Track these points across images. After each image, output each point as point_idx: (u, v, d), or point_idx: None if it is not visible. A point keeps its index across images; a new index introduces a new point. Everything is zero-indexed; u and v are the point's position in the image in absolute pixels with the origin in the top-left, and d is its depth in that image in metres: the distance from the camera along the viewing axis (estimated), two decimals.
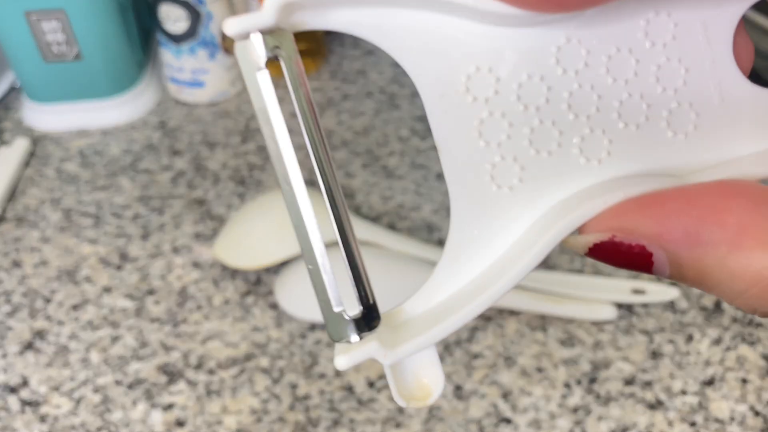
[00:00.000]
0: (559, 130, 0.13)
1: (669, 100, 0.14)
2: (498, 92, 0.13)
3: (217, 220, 0.41)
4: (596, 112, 0.13)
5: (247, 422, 0.31)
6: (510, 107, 0.13)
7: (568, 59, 0.13)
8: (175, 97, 0.51)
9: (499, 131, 0.13)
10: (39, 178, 0.45)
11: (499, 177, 0.14)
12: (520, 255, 0.13)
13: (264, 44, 0.12)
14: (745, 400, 0.32)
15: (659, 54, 0.14)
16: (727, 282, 0.11)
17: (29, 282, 0.38)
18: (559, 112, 0.13)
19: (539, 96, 0.13)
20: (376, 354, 0.13)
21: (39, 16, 0.44)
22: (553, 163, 0.14)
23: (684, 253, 0.11)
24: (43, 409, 0.32)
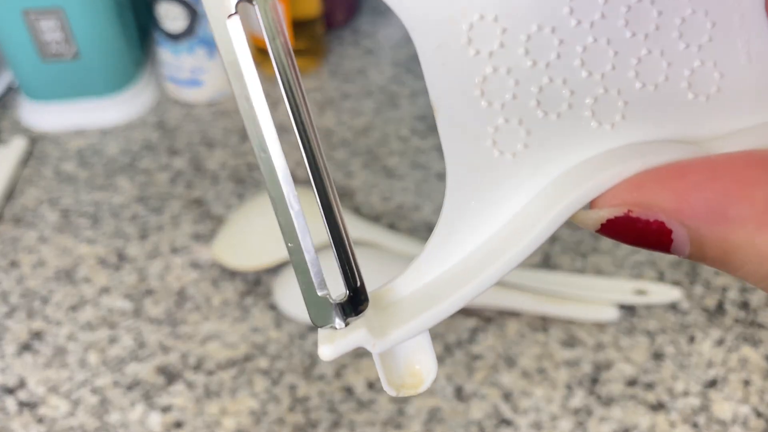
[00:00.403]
0: (570, 89, 0.12)
1: (692, 58, 0.12)
2: (504, 45, 0.12)
3: (216, 220, 0.41)
4: (611, 70, 0.12)
5: (246, 423, 0.31)
6: (517, 62, 0.12)
7: (583, 8, 0.12)
8: (174, 97, 0.51)
9: (503, 90, 0.12)
10: (37, 178, 0.45)
11: (501, 142, 0.12)
12: (523, 231, 0.12)
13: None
14: (747, 402, 0.32)
15: (684, 5, 0.12)
16: (755, 263, 0.10)
17: (27, 282, 0.38)
18: (570, 69, 0.12)
19: (550, 50, 0.12)
20: (364, 342, 0.12)
21: (37, 15, 0.44)
22: (561, 127, 0.12)
23: (707, 231, 0.10)
24: (40, 411, 0.32)
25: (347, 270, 0.12)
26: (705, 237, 0.10)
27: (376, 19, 0.60)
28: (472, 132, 0.12)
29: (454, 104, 0.12)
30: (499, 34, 0.12)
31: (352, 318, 0.12)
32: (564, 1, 0.12)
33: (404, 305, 0.13)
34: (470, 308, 0.35)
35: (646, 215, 0.11)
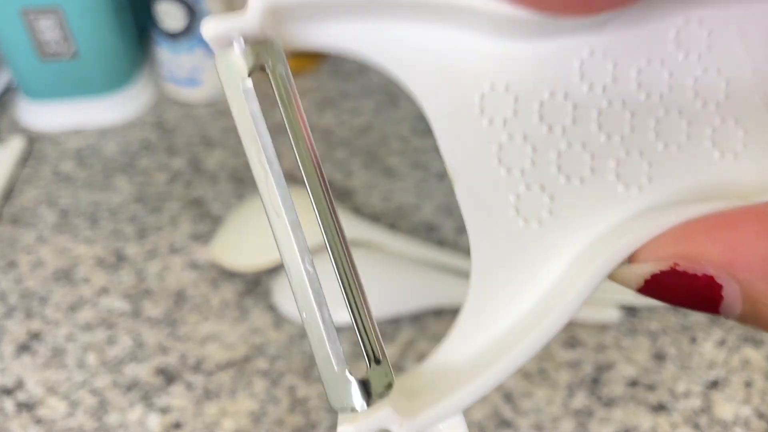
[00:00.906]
0: (590, 153, 0.12)
1: (711, 117, 0.12)
2: (517, 112, 0.12)
3: (215, 220, 0.41)
4: (630, 132, 0.12)
5: (245, 424, 0.31)
6: (532, 129, 0.12)
7: (593, 74, 0.12)
8: (173, 96, 0.51)
9: (521, 156, 0.12)
10: (35, 178, 0.45)
11: (525, 209, 0.12)
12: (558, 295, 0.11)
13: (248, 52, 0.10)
14: (749, 402, 0.31)
15: (694, 65, 0.12)
16: None
17: (25, 283, 0.38)
18: (588, 133, 0.12)
19: (564, 115, 0.12)
20: (390, 423, 0.11)
21: (35, 14, 0.44)
22: (586, 192, 0.12)
23: (763, 286, 0.09)
24: (39, 412, 0.32)
25: (368, 344, 0.11)
26: (760, 293, 0.09)
27: None
28: (494, 201, 0.12)
29: (472, 174, 0.12)
30: (511, 102, 0.12)
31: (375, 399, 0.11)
32: (574, 68, 0.12)
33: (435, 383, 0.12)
34: None
35: (693, 269, 0.10)
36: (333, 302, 0.11)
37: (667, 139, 0.12)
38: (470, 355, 0.12)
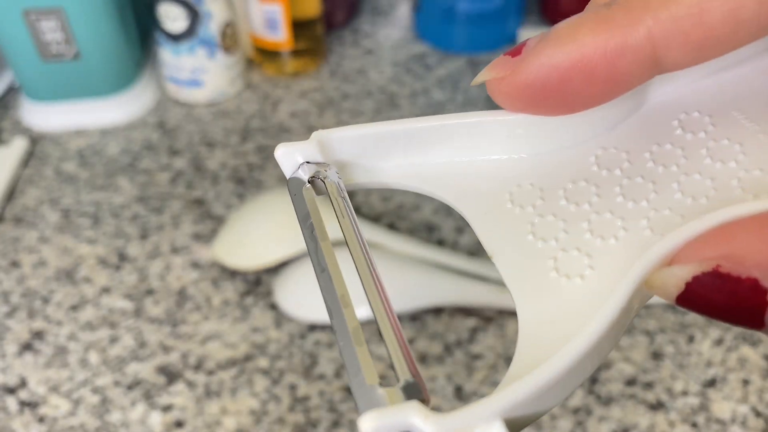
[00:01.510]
0: (620, 217, 0.12)
1: (734, 170, 0.12)
2: (544, 199, 0.13)
3: (217, 220, 0.41)
4: (656, 195, 0.12)
5: (246, 423, 0.31)
6: (560, 209, 0.13)
7: (609, 162, 0.13)
8: (174, 97, 0.51)
9: (554, 229, 0.13)
10: (37, 178, 0.45)
11: (565, 268, 0.12)
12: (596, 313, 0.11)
13: (308, 170, 0.13)
14: (746, 401, 0.32)
15: (703, 140, 0.13)
16: None
17: (28, 282, 0.38)
18: (615, 203, 0.12)
19: (588, 195, 0.13)
20: (414, 416, 0.10)
21: (38, 15, 0.44)
22: (624, 245, 0.12)
23: None
24: (41, 410, 0.32)
25: (403, 363, 0.11)
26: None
27: (376, 19, 0.60)
28: (534, 266, 0.12)
29: (510, 249, 0.13)
30: (537, 193, 0.13)
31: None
32: (590, 162, 0.13)
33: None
34: (470, 308, 0.35)
35: (737, 271, 0.09)
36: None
37: (694, 194, 0.12)
38: None
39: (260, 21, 0.50)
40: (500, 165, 0.13)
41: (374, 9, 0.61)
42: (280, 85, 0.52)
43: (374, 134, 0.13)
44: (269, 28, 0.50)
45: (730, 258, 0.09)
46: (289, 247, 0.36)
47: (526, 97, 0.12)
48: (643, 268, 0.11)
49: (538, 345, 0.12)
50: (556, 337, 0.11)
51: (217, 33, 0.48)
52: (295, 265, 0.36)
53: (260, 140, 0.47)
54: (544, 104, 0.12)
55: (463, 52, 0.55)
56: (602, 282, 0.12)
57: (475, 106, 0.50)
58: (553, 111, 0.12)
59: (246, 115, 0.50)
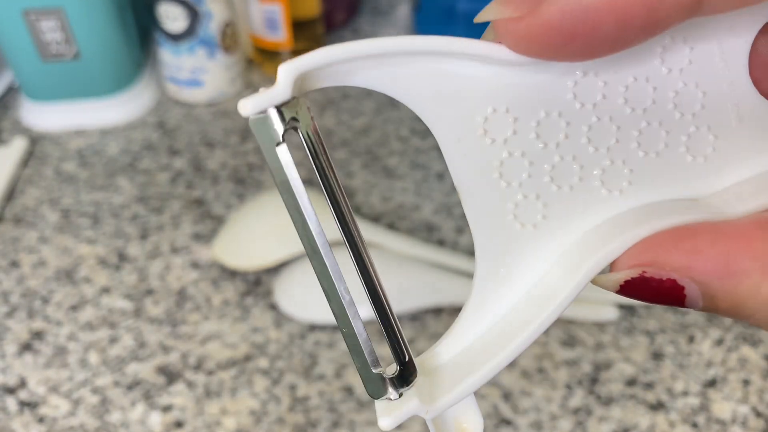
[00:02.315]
0: (579, 164, 0.13)
1: (687, 125, 0.14)
2: (516, 132, 0.13)
3: (216, 220, 0.41)
4: (616, 144, 0.13)
5: (246, 423, 0.31)
6: (529, 146, 0.13)
7: (585, 93, 0.13)
8: (174, 97, 0.51)
9: (519, 170, 0.13)
10: (37, 178, 0.45)
11: (522, 215, 0.13)
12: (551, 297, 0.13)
13: (280, 119, 0.12)
14: (747, 401, 0.32)
15: (676, 80, 0.13)
16: (763, 310, 0.11)
17: (27, 282, 0.38)
18: (578, 146, 0.13)
19: (558, 132, 0.13)
20: (418, 411, 0.13)
21: (37, 15, 0.44)
22: (575, 197, 0.13)
23: (717, 285, 0.11)
24: (41, 410, 0.32)
25: (397, 347, 0.13)
26: (716, 291, 0.11)
27: (376, 19, 0.60)
28: (495, 209, 0.13)
29: (477, 187, 0.13)
30: (511, 123, 0.13)
31: (404, 389, 0.13)
32: (567, 88, 0.13)
33: (448, 371, 0.14)
34: None
35: (659, 275, 0.12)
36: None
37: (647, 148, 0.13)
38: (474, 339, 0.14)
39: (260, 21, 0.50)
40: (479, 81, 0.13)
41: (374, 9, 0.61)
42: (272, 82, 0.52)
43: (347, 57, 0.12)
44: (269, 27, 0.50)
45: (653, 264, 0.12)
46: (289, 247, 0.36)
47: (546, 41, 0.11)
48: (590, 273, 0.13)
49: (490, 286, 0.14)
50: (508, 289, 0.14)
51: (217, 33, 0.48)
52: (295, 265, 0.36)
53: None
54: (565, 50, 0.11)
55: None
56: (549, 235, 0.13)
57: None
58: (573, 57, 0.12)
59: None
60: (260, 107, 0.12)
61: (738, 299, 0.11)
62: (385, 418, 0.13)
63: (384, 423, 0.13)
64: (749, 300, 0.11)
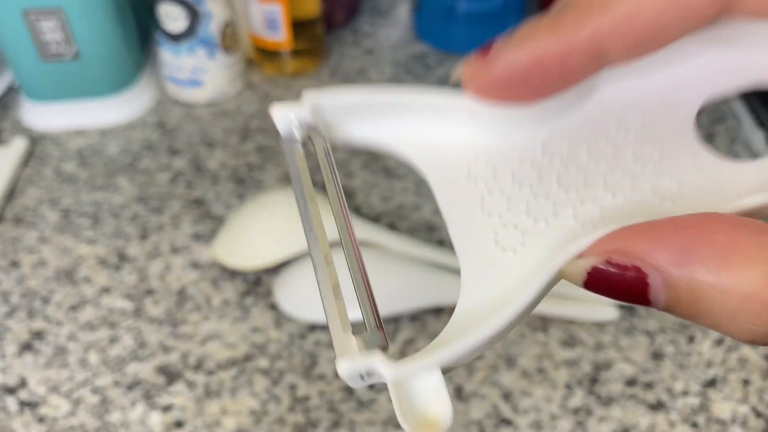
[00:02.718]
0: (552, 202, 0.15)
1: (649, 174, 0.15)
2: (495, 175, 0.15)
3: (216, 220, 0.41)
4: (584, 187, 0.15)
5: (246, 423, 0.31)
6: (507, 187, 0.15)
7: (552, 149, 0.15)
8: (174, 97, 0.51)
9: (499, 206, 0.15)
10: (37, 178, 0.45)
11: (502, 242, 0.15)
12: (525, 287, 0.14)
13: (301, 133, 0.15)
14: (746, 401, 0.32)
15: (632, 140, 0.15)
16: (720, 300, 0.11)
17: (27, 282, 0.38)
18: (551, 189, 0.15)
19: (531, 178, 0.15)
20: (379, 363, 0.13)
21: (37, 15, 0.44)
22: (550, 229, 0.15)
23: (676, 272, 0.12)
24: (41, 410, 0.32)
25: (370, 313, 0.14)
26: (675, 278, 0.12)
27: (376, 19, 0.60)
28: (478, 235, 0.15)
29: (462, 216, 0.15)
30: (491, 169, 0.15)
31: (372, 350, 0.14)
32: (537, 146, 0.15)
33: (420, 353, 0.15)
34: None
35: (624, 261, 0.12)
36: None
37: (614, 191, 0.15)
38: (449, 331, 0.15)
39: (260, 21, 0.50)
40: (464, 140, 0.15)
41: (374, 9, 0.61)
42: (280, 85, 0.52)
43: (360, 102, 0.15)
44: (269, 28, 0.50)
45: (619, 252, 0.12)
46: (289, 247, 0.36)
47: (494, 91, 0.14)
48: (559, 261, 0.13)
49: (475, 303, 0.14)
50: (490, 299, 0.14)
51: (217, 33, 0.48)
52: (295, 265, 0.36)
53: (260, 140, 0.47)
54: (509, 97, 0.14)
55: (463, 53, 0.55)
56: (530, 258, 0.15)
57: None
58: (516, 102, 0.15)
59: (246, 115, 0.50)
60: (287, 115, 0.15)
61: (696, 289, 0.11)
62: (344, 361, 0.13)
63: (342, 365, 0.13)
64: (706, 290, 0.11)
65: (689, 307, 0.12)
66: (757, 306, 0.11)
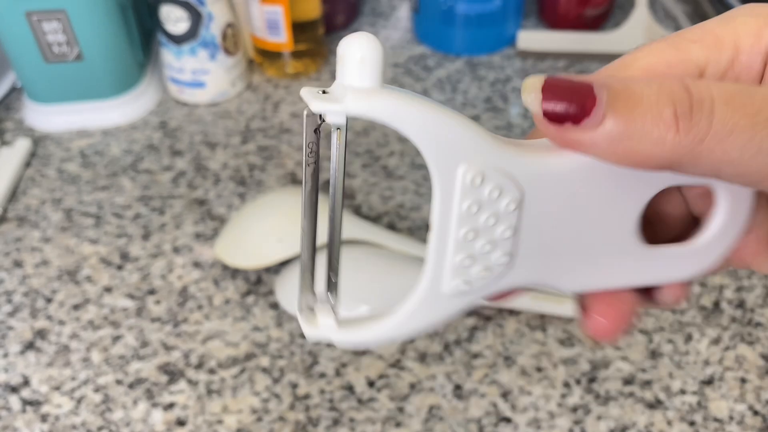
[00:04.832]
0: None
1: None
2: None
3: (218, 220, 0.41)
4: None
5: (247, 422, 0.32)
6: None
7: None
8: (176, 98, 0.51)
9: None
10: (40, 178, 0.45)
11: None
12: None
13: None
14: (744, 400, 0.32)
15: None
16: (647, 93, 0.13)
17: (30, 282, 0.38)
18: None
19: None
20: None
21: (40, 17, 0.44)
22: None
23: (615, 84, 0.13)
24: (44, 409, 0.32)
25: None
26: (613, 82, 0.13)
27: (376, 21, 0.60)
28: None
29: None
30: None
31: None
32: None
33: None
34: None
35: (579, 78, 0.14)
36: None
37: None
38: None
39: (261, 22, 0.50)
40: None
41: (374, 11, 0.61)
42: (280, 86, 0.53)
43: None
44: (270, 29, 0.50)
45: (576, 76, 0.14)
46: (290, 246, 0.36)
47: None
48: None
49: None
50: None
51: (218, 34, 0.48)
52: (296, 264, 0.36)
53: (261, 141, 0.47)
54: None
55: (462, 54, 0.56)
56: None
57: (474, 108, 0.50)
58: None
59: (247, 116, 0.50)
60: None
61: (628, 86, 0.13)
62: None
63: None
64: (636, 87, 0.13)
65: (625, 102, 0.13)
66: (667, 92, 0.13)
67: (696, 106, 0.12)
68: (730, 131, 0.12)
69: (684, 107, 0.12)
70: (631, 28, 0.54)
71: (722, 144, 0.12)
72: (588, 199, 0.16)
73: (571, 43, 0.55)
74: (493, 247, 0.16)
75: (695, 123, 0.12)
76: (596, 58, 0.54)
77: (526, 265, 0.16)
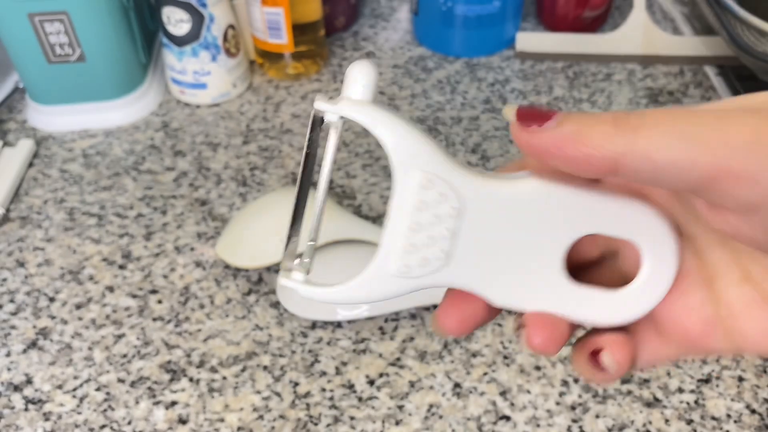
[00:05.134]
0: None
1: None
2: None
3: (219, 219, 0.42)
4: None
5: (248, 420, 0.32)
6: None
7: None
8: (178, 99, 0.52)
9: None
10: (43, 179, 0.45)
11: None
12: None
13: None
14: (741, 399, 0.32)
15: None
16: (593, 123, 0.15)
17: (33, 281, 0.38)
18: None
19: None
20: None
21: (42, 18, 0.45)
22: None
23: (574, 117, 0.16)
24: (46, 407, 0.33)
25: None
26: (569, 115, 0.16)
27: (377, 22, 0.61)
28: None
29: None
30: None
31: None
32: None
33: None
34: None
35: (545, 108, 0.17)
36: None
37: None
38: None
39: (262, 24, 0.50)
40: None
41: (374, 13, 0.62)
42: (281, 87, 0.53)
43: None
44: (271, 31, 0.51)
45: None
46: None
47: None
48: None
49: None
50: None
51: (219, 36, 0.49)
52: None
53: (262, 141, 0.48)
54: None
55: (461, 55, 0.56)
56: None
57: (474, 109, 0.50)
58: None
59: (248, 117, 0.50)
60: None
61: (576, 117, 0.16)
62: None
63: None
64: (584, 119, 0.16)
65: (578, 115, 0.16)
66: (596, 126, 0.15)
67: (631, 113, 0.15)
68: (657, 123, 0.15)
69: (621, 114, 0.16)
70: (629, 30, 0.55)
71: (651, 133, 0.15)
72: (521, 226, 0.18)
73: (569, 45, 0.55)
74: (431, 242, 0.18)
75: (631, 119, 0.15)
76: (594, 59, 0.55)
77: (461, 267, 0.18)
